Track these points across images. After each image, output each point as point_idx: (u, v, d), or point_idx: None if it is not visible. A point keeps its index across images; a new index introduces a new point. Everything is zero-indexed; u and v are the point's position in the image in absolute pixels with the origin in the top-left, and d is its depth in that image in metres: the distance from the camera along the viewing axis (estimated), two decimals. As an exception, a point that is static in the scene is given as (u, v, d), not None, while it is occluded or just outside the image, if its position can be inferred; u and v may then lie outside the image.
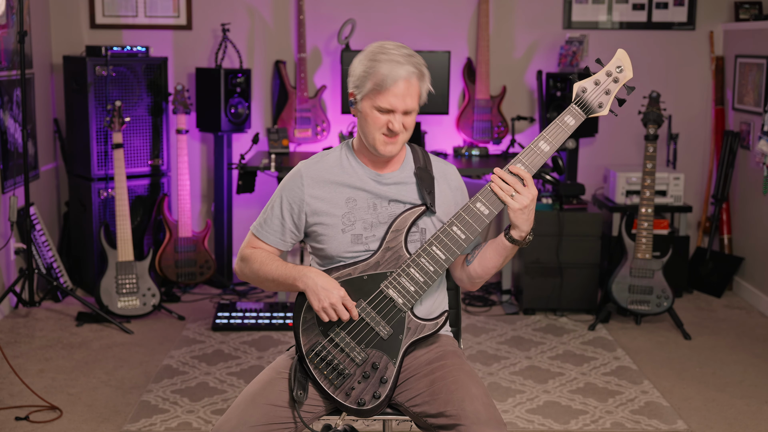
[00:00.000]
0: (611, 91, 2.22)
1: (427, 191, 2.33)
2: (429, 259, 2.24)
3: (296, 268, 2.27)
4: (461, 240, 2.24)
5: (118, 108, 4.70)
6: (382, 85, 2.21)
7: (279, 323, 4.54)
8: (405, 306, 2.25)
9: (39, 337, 4.38)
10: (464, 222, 2.23)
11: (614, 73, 2.21)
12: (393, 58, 2.22)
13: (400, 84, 2.21)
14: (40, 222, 4.92)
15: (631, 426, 3.47)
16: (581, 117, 2.22)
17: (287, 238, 2.37)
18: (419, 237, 2.32)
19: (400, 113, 2.24)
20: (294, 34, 5.40)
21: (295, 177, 2.36)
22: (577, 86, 2.22)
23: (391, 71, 2.20)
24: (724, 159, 5.32)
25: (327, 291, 2.21)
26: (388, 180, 2.35)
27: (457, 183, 2.43)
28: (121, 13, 5.36)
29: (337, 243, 2.31)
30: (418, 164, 2.38)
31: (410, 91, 2.23)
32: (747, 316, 4.91)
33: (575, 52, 5.18)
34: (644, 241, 4.58)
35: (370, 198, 2.33)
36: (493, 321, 4.73)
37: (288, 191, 2.35)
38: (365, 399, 2.24)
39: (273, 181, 5.35)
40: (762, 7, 5.40)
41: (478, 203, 2.23)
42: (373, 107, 2.24)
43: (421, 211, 2.30)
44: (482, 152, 5.25)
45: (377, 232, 2.31)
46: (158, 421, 3.45)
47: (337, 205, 2.32)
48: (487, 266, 2.32)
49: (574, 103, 2.22)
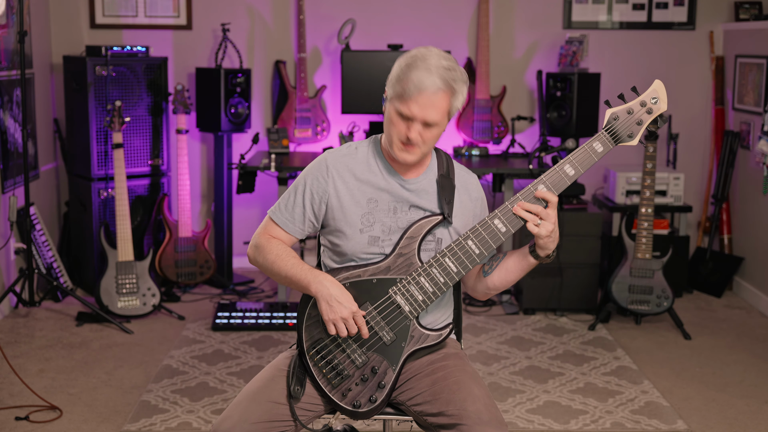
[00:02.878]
0: (643, 122, 2.18)
1: (446, 201, 2.29)
2: (440, 270, 2.22)
3: (312, 272, 2.24)
4: (475, 255, 2.21)
5: (118, 108, 4.70)
6: (407, 92, 2.15)
7: (279, 323, 4.54)
8: (411, 314, 2.24)
9: (39, 337, 4.38)
10: (480, 237, 2.21)
11: (649, 103, 2.18)
12: (428, 66, 2.15)
13: (425, 95, 2.15)
14: (40, 222, 4.92)
15: (631, 426, 3.47)
16: (610, 146, 2.18)
17: (306, 227, 2.34)
18: (434, 246, 2.30)
19: (419, 123, 2.18)
20: (294, 34, 5.41)
21: (321, 166, 2.31)
22: (609, 113, 2.17)
23: (420, 80, 2.14)
24: (724, 159, 5.32)
25: (340, 305, 2.18)
26: (412, 186, 2.30)
27: (477, 194, 2.39)
28: (121, 13, 5.36)
29: (354, 242, 2.28)
30: (441, 171, 2.33)
31: (435, 104, 2.15)
32: (747, 316, 4.91)
33: (575, 52, 5.19)
34: (644, 241, 4.58)
35: (392, 201, 2.29)
36: (493, 321, 4.73)
37: (312, 179, 2.30)
38: (361, 402, 2.24)
39: (273, 181, 5.35)
40: (762, 7, 5.41)
41: (496, 220, 2.20)
42: (395, 111, 2.20)
43: (437, 220, 2.27)
44: (482, 152, 5.25)
45: (394, 236, 2.28)
46: (158, 421, 3.45)
47: (359, 204, 2.28)
48: (507, 279, 2.31)
49: (605, 129, 2.18)
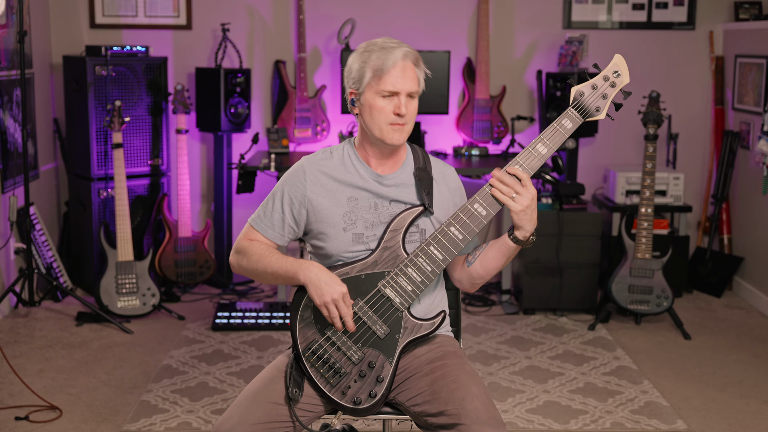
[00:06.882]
0: (608, 95, 2.24)
1: (425, 192, 2.33)
2: (426, 259, 2.24)
3: (298, 261, 2.26)
4: (459, 240, 2.24)
5: (118, 108, 4.70)
6: (382, 69, 2.24)
7: (279, 323, 4.54)
8: (402, 305, 2.26)
9: (39, 337, 4.38)
10: (462, 223, 2.24)
11: (611, 77, 2.23)
12: (384, 46, 2.27)
13: (399, 65, 2.25)
14: (40, 222, 4.92)
15: (630, 426, 3.47)
16: (578, 120, 2.24)
17: (286, 233, 2.36)
18: (419, 237, 2.33)
19: (404, 95, 2.26)
20: (294, 34, 5.41)
21: (298, 172, 2.35)
22: (574, 90, 2.24)
23: (387, 55, 2.25)
24: (723, 159, 5.32)
25: (329, 286, 2.20)
26: (389, 181, 2.35)
27: (455, 184, 2.44)
28: (121, 13, 5.36)
29: (338, 241, 2.31)
30: (417, 164, 2.38)
31: (409, 73, 2.26)
32: (747, 316, 4.91)
33: (575, 52, 5.18)
34: (644, 241, 4.58)
35: (372, 198, 2.33)
36: (493, 321, 4.73)
37: (290, 186, 2.35)
38: (361, 398, 2.24)
39: (273, 181, 5.35)
40: (762, 7, 5.40)
41: (475, 204, 2.24)
42: (377, 95, 2.26)
43: (419, 211, 2.31)
44: (482, 152, 5.25)
45: (378, 231, 2.31)
46: (158, 420, 3.45)
47: (340, 204, 2.32)
48: (488, 266, 2.32)
49: (572, 106, 2.24)
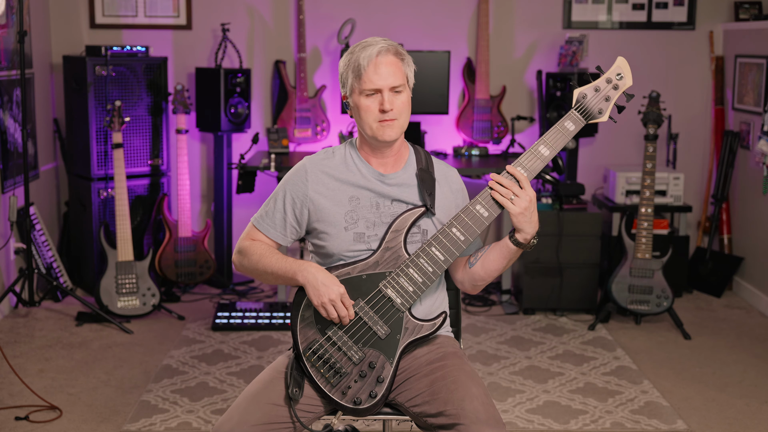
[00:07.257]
0: (611, 98, 2.25)
1: (427, 193, 2.33)
2: (428, 259, 2.25)
3: (297, 262, 2.27)
4: (460, 241, 2.24)
5: (117, 108, 4.70)
6: (359, 69, 2.25)
7: (279, 323, 4.54)
8: (403, 306, 2.26)
9: (39, 337, 4.38)
10: (463, 224, 2.24)
11: (614, 80, 2.24)
12: (366, 44, 2.28)
13: (374, 61, 2.24)
14: (40, 222, 4.92)
15: (630, 426, 3.47)
16: (581, 123, 2.24)
17: (288, 232, 2.37)
18: (420, 238, 2.33)
19: (387, 91, 2.25)
20: (294, 34, 5.40)
21: (300, 172, 2.36)
22: (577, 92, 2.24)
23: (365, 55, 2.25)
24: (724, 159, 5.32)
25: (327, 287, 2.20)
26: (392, 181, 2.35)
27: (458, 186, 2.44)
28: (121, 13, 5.36)
29: (339, 241, 2.31)
30: (420, 165, 2.38)
31: (389, 67, 2.25)
32: (747, 316, 4.91)
33: (575, 52, 5.18)
34: (644, 241, 4.58)
35: (374, 197, 2.33)
36: (493, 321, 4.73)
37: (292, 185, 2.35)
38: (361, 398, 2.24)
39: (273, 181, 5.35)
40: (762, 7, 5.40)
41: (477, 205, 2.24)
42: (361, 95, 2.27)
43: (421, 212, 2.31)
44: (482, 152, 5.25)
45: (379, 231, 2.31)
46: (158, 421, 3.45)
47: (341, 203, 2.32)
48: (490, 269, 2.32)
49: (575, 108, 2.24)
